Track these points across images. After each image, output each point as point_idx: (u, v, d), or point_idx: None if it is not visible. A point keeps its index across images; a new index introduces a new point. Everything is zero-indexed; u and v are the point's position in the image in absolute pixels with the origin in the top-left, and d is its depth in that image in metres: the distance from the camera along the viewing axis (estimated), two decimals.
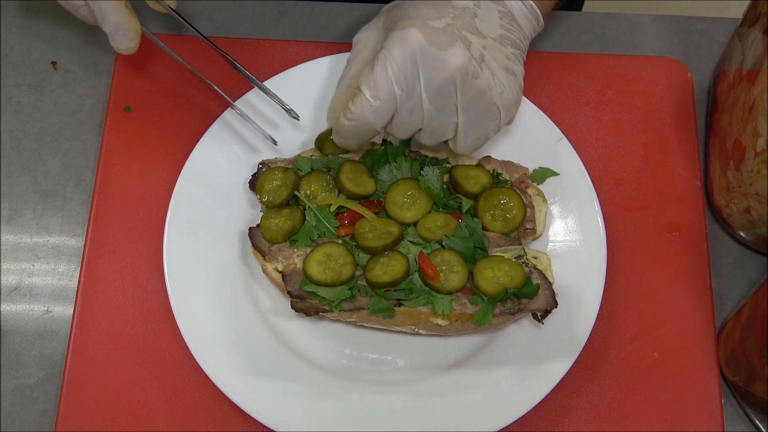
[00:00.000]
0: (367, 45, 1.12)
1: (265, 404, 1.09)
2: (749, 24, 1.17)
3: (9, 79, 1.32)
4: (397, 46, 1.01)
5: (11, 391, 1.16)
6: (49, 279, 1.21)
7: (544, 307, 1.08)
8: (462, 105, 1.04)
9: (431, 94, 1.02)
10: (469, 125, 1.06)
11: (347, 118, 1.05)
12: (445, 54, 1.00)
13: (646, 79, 1.31)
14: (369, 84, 1.03)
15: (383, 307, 1.07)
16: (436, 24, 1.02)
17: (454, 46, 1.01)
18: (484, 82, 1.03)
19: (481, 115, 1.06)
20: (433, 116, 1.05)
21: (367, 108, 1.04)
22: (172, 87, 1.29)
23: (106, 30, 1.11)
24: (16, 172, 1.27)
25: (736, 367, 1.12)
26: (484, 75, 1.02)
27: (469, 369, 1.13)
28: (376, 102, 1.03)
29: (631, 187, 1.25)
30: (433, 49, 1.00)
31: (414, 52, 1.01)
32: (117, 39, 1.12)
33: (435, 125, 1.06)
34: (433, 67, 1.01)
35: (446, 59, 1.00)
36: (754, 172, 1.09)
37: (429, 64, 1.01)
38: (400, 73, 1.01)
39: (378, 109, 1.03)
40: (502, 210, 1.14)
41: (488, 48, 1.03)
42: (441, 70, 1.01)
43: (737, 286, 1.22)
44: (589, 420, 1.13)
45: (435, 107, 1.04)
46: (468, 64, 1.01)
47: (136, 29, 1.12)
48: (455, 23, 1.02)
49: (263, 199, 1.15)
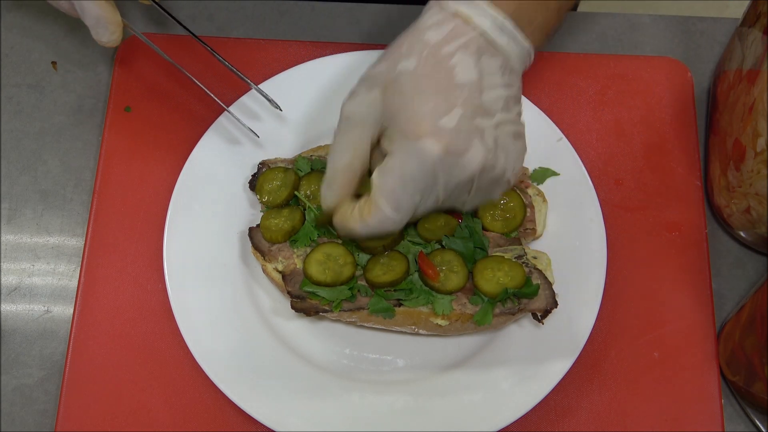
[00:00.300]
0: (365, 124, 1.02)
1: (265, 404, 1.09)
2: (749, 24, 1.17)
3: (9, 79, 1.32)
4: (414, 162, 0.96)
5: (11, 391, 1.16)
6: (49, 279, 1.21)
7: (544, 307, 1.08)
8: (475, 189, 1.01)
9: (448, 192, 1.00)
10: (478, 198, 1.05)
11: (365, 227, 1.02)
12: (464, 160, 0.96)
13: (646, 79, 1.31)
14: (389, 198, 0.98)
15: (383, 307, 1.07)
16: (448, 123, 0.95)
17: (470, 146, 0.96)
18: (499, 170, 1.00)
19: (491, 189, 1.04)
20: (446, 202, 1.03)
21: (388, 222, 1.00)
22: (172, 87, 1.29)
23: (87, 23, 1.12)
24: (16, 172, 1.27)
25: (736, 367, 1.12)
26: (499, 163, 0.99)
27: (469, 369, 1.13)
28: (397, 216, 1.00)
29: (631, 187, 1.25)
30: (452, 157, 0.96)
31: (434, 166, 0.96)
32: (98, 32, 1.12)
33: (445, 207, 1.05)
34: (452, 174, 0.97)
35: (465, 165, 0.96)
36: (754, 172, 1.09)
37: (448, 172, 0.97)
38: (421, 185, 0.98)
39: (399, 222, 1.01)
40: (502, 210, 1.14)
41: (499, 125, 0.99)
42: (460, 175, 0.97)
43: (737, 286, 1.22)
44: (589, 420, 1.13)
45: (449, 198, 1.02)
46: (485, 161, 0.97)
47: (117, 21, 1.11)
48: (465, 113, 0.96)
49: (263, 199, 1.15)
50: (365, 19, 1.37)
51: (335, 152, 1.04)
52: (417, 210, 1.02)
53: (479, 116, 0.97)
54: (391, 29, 1.36)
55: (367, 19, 1.37)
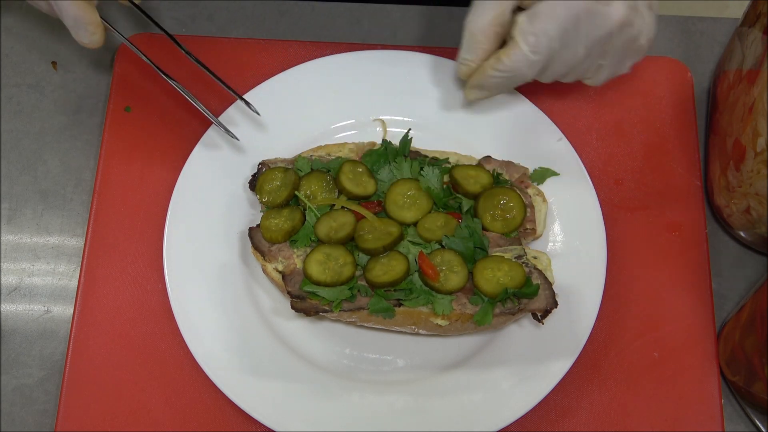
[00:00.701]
0: None
1: (265, 404, 1.09)
2: (749, 24, 1.17)
3: (9, 79, 1.32)
4: (560, 3, 1.02)
5: (11, 391, 1.16)
6: (49, 279, 1.21)
7: (544, 307, 1.08)
8: (612, 50, 1.06)
9: (589, 45, 1.05)
10: (611, 66, 1.09)
11: (498, 69, 1.06)
12: (609, 9, 1.02)
13: (646, 79, 1.31)
14: (528, 38, 1.03)
15: (383, 307, 1.07)
16: None
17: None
18: (636, 30, 1.05)
19: (624, 56, 1.09)
20: (583, 62, 1.07)
21: (524, 62, 1.04)
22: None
23: (66, 23, 1.11)
24: (16, 172, 1.27)
25: (736, 367, 1.12)
26: (637, 22, 1.05)
27: (469, 369, 1.13)
28: (535, 56, 1.04)
29: (631, 187, 1.25)
30: (599, 5, 1.02)
31: (579, 9, 1.02)
32: (78, 32, 1.11)
33: (581, 69, 1.09)
34: (595, 23, 1.03)
35: (609, 14, 1.02)
36: (754, 172, 1.09)
37: (592, 19, 1.02)
38: (562, 29, 1.02)
39: (535, 63, 1.05)
40: (502, 210, 1.14)
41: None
42: (603, 25, 1.03)
43: (737, 286, 1.22)
44: (589, 420, 1.13)
45: (587, 55, 1.06)
46: (627, 15, 1.03)
47: (96, 22, 1.11)
48: None
49: (263, 199, 1.15)
50: (365, 19, 1.37)
51: (473, 14, 1.08)
52: (555, 61, 1.05)
53: None
54: (391, 29, 1.36)
55: (367, 19, 1.37)
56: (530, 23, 1.03)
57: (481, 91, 1.13)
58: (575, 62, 1.07)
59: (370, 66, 1.26)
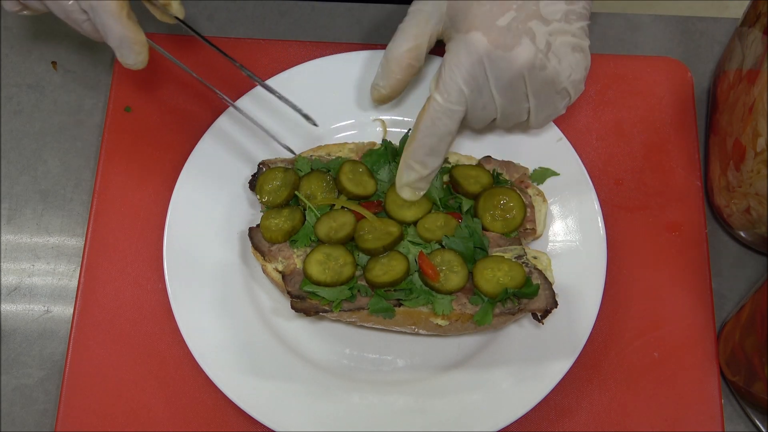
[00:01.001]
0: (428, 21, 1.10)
1: (265, 404, 1.09)
2: (749, 24, 1.17)
3: (9, 79, 1.32)
4: (463, 52, 1.05)
5: (11, 391, 1.16)
6: (49, 279, 1.21)
7: (544, 307, 1.08)
8: (532, 93, 1.08)
9: (501, 89, 1.06)
10: (540, 107, 1.10)
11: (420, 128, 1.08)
12: (511, 54, 1.03)
13: (646, 79, 1.31)
14: (439, 89, 1.07)
15: (383, 307, 1.07)
16: (500, 22, 1.04)
17: (519, 44, 1.04)
18: (551, 72, 1.06)
19: (551, 98, 1.10)
20: (506, 107, 1.09)
21: (441, 111, 1.07)
22: (172, 87, 1.29)
23: (111, 44, 1.09)
24: (16, 172, 1.27)
25: (736, 367, 1.12)
26: (551, 64, 1.06)
27: (469, 369, 1.13)
28: (448, 104, 1.07)
29: (631, 187, 1.25)
30: (499, 51, 1.03)
31: (480, 56, 1.04)
32: (123, 53, 1.09)
33: (508, 113, 1.10)
34: (499, 68, 1.04)
35: (511, 59, 1.04)
36: (754, 172, 1.09)
37: (495, 65, 1.04)
38: (468, 75, 1.05)
39: (453, 112, 1.07)
40: (502, 210, 1.14)
41: (554, 33, 1.05)
42: (508, 69, 1.04)
43: (737, 286, 1.22)
44: (589, 420, 1.13)
45: (506, 100, 1.08)
46: (534, 59, 1.04)
47: (142, 41, 1.09)
48: (519, 16, 1.04)
49: (263, 199, 1.15)
50: (365, 19, 1.37)
51: (394, 41, 1.12)
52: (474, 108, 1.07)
53: (533, 20, 1.04)
54: (391, 29, 1.36)
55: (367, 19, 1.37)
56: (441, 76, 1.07)
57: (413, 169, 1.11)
58: (498, 107, 1.09)
59: (370, 66, 1.26)
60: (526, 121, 1.14)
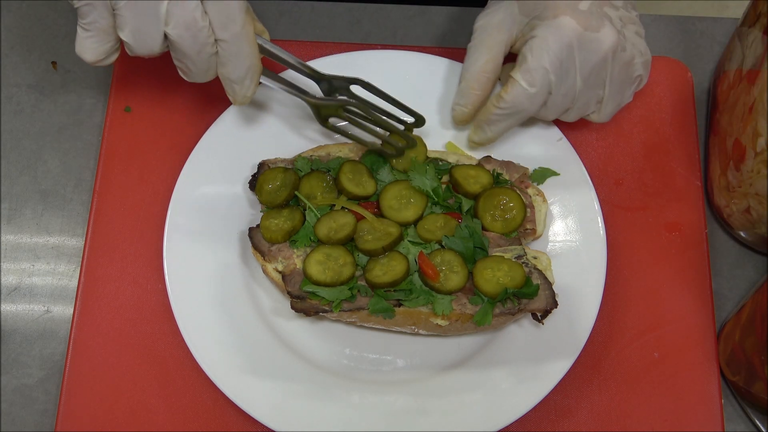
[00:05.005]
0: (500, 30, 1.12)
1: (264, 404, 1.09)
2: (749, 24, 1.17)
3: (9, 79, 1.32)
4: (552, 35, 1.06)
5: (11, 391, 1.16)
6: (49, 279, 1.21)
7: (544, 307, 1.08)
8: (610, 78, 1.10)
9: (585, 74, 1.08)
10: (612, 95, 1.13)
11: (500, 106, 1.10)
12: (599, 35, 1.06)
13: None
14: (524, 73, 1.07)
15: (383, 307, 1.07)
16: (582, 7, 1.07)
17: (603, 26, 1.06)
18: (629, 54, 1.09)
19: (623, 84, 1.12)
20: (583, 94, 1.11)
21: (523, 95, 1.08)
22: (172, 87, 1.29)
23: (235, 76, 1.03)
24: (16, 172, 1.27)
25: (736, 367, 1.12)
26: (628, 46, 1.08)
27: (469, 369, 1.13)
28: (532, 89, 1.08)
29: (631, 187, 1.25)
30: (588, 33, 1.06)
31: (570, 39, 1.05)
32: (245, 84, 1.05)
33: (583, 102, 1.12)
34: (589, 50, 1.06)
35: (601, 40, 1.06)
36: (754, 172, 1.09)
37: (585, 47, 1.06)
38: (557, 60, 1.06)
39: (534, 96, 1.09)
40: (502, 210, 1.14)
41: (623, 18, 1.09)
42: (596, 51, 1.06)
43: (737, 286, 1.22)
44: (589, 420, 1.13)
45: (587, 86, 1.10)
46: (618, 40, 1.07)
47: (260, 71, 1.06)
48: (595, 1, 1.07)
49: (263, 199, 1.15)
50: (365, 19, 1.37)
51: (468, 59, 1.14)
52: (554, 94, 1.09)
53: (606, 6, 1.07)
54: (391, 29, 1.36)
55: (367, 19, 1.37)
56: (526, 59, 1.08)
57: (485, 131, 1.15)
58: (575, 94, 1.11)
59: (371, 66, 1.26)
60: (595, 113, 1.16)
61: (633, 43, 1.10)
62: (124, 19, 0.98)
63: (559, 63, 1.07)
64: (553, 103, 1.11)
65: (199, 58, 1.02)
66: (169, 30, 0.98)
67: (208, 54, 1.01)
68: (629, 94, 1.15)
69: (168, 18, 0.98)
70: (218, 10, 0.98)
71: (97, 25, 0.99)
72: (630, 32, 1.10)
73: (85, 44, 1.00)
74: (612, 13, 1.09)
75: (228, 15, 0.99)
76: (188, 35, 0.99)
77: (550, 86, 1.09)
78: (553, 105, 1.12)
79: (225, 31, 1.00)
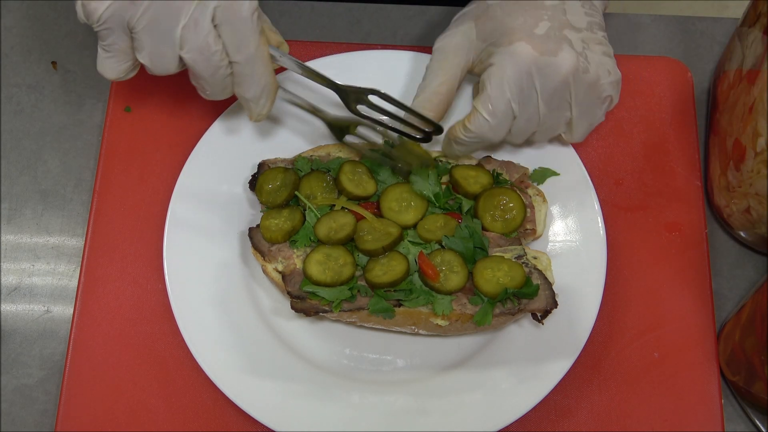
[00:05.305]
0: (457, 53, 1.11)
1: (265, 404, 1.09)
2: (749, 24, 1.17)
3: (9, 79, 1.32)
4: (509, 63, 1.05)
5: (11, 391, 1.16)
6: (49, 279, 1.21)
7: (544, 307, 1.08)
8: (575, 101, 1.08)
9: (547, 99, 1.07)
10: (581, 116, 1.11)
11: (465, 135, 1.10)
12: (557, 60, 1.04)
13: (646, 79, 1.31)
14: (485, 104, 1.07)
15: (383, 307, 1.07)
16: (539, 31, 1.05)
17: (561, 49, 1.05)
18: (593, 75, 1.07)
19: (592, 105, 1.11)
20: (548, 118, 1.10)
21: (485, 126, 1.08)
22: (172, 87, 1.29)
23: (250, 95, 1.05)
24: (16, 172, 1.27)
25: (736, 367, 1.12)
26: (591, 67, 1.07)
27: (469, 369, 1.13)
28: (494, 120, 1.07)
29: (631, 187, 1.25)
30: (545, 57, 1.04)
31: (528, 65, 1.04)
32: (260, 103, 1.07)
33: (549, 125, 1.11)
34: (547, 75, 1.05)
35: (558, 64, 1.05)
36: (754, 172, 1.09)
37: (543, 72, 1.05)
38: (516, 88, 1.05)
39: (496, 126, 1.08)
40: (502, 210, 1.14)
41: (585, 40, 1.08)
42: (555, 75, 1.05)
43: (737, 286, 1.22)
44: (589, 420, 1.13)
45: (550, 109, 1.08)
46: (577, 62, 1.05)
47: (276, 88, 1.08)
48: (553, 24, 1.06)
49: (263, 199, 1.15)
50: (365, 19, 1.37)
51: (424, 80, 1.13)
52: (518, 121, 1.08)
53: (566, 28, 1.06)
54: (391, 29, 1.36)
55: (367, 19, 1.37)
56: (485, 88, 1.07)
57: (454, 149, 1.15)
58: (540, 119, 1.09)
59: (370, 66, 1.26)
60: (567, 133, 1.15)
61: (599, 63, 1.08)
62: (141, 42, 1.01)
63: (518, 90, 1.06)
64: (518, 128, 1.10)
65: (213, 80, 1.05)
66: (184, 54, 1.02)
67: (222, 76, 1.04)
68: (600, 114, 1.13)
69: (182, 42, 1.01)
70: (232, 34, 1.01)
71: (116, 46, 1.02)
72: (595, 53, 1.08)
73: (105, 63, 1.05)
74: (572, 36, 1.07)
75: (242, 39, 1.01)
76: (202, 59, 1.02)
77: (512, 113, 1.08)
78: (517, 130, 1.11)
79: (239, 54, 1.02)
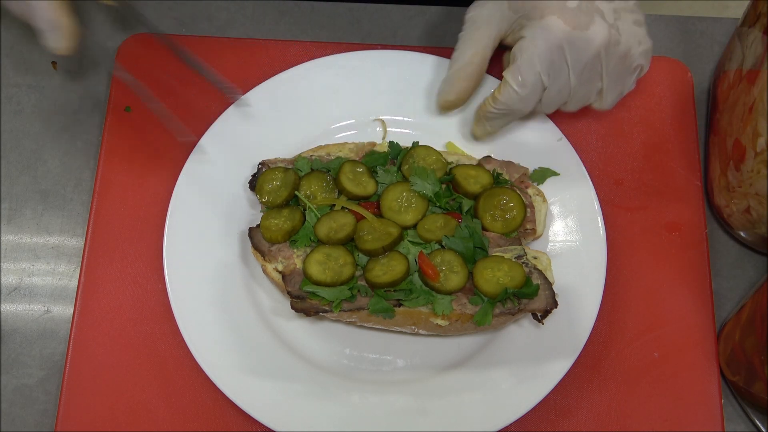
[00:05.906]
0: (490, 24, 1.12)
1: (265, 404, 1.09)
2: (749, 24, 1.17)
3: (9, 79, 1.32)
4: (540, 37, 1.06)
5: (11, 391, 1.16)
6: (49, 279, 1.21)
7: (544, 307, 1.08)
8: (606, 72, 1.10)
9: (578, 71, 1.08)
10: (611, 86, 1.12)
11: (495, 106, 1.11)
12: (588, 33, 1.06)
13: (646, 79, 1.31)
14: (515, 75, 1.08)
15: (383, 307, 1.07)
16: (570, 4, 1.06)
17: (593, 22, 1.06)
18: (624, 46, 1.08)
19: (622, 75, 1.12)
20: (579, 88, 1.11)
21: (515, 97, 1.10)
22: (172, 87, 1.29)
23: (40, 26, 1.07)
24: (16, 172, 1.27)
25: (736, 367, 1.12)
26: (623, 39, 1.08)
27: (469, 369, 1.13)
28: (523, 91, 1.09)
29: (631, 187, 1.25)
30: (577, 32, 1.05)
31: (559, 39, 1.05)
32: (50, 37, 1.08)
33: (580, 95, 1.12)
34: (579, 49, 1.06)
35: (590, 38, 1.06)
36: (754, 172, 1.09)
37: (575, 46, 1.06)
38: (547, 61, 1.07)
39: (526, 98, 1.10)
40: (502, 210, 1.14)
41: (617, 9, 1.08)
42: (587, 50, 1.06)
43: (737, 286, 1.22)
44: (589, 420, 1.13)
45: (581, 81, 1.10)
46: (609, 36, 1.06)
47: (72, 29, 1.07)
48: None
49: (263, 199, 1.15)
50: (365, 19, 1.37)
51: (457, 51, 1.14)
52: (549, 92, 1.09)
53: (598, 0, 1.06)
54: (391, 29, 1.36)
55: (367, 19, 1.37)
56: (515, 60, 1.08)
57: (485, 126, 1.17)
58: (570, 90, 1.11)
59: (370, 66, 1.26)
60: (597, 102, 1.16)
61: (630, 33, 1.09)
62: None
63: (549, 63, 1.07)
64: (549, 101, 1.12)
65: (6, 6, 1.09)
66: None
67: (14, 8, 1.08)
68: (631, 83, 1.15)
69: None
70: None
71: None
72: (626, 23, 1.09)
73: None
74: (604, 6, 1.08)
75: None
76: None
77: (542, 85, 1.09)
78: (549, 102, 1.13)
79: None
